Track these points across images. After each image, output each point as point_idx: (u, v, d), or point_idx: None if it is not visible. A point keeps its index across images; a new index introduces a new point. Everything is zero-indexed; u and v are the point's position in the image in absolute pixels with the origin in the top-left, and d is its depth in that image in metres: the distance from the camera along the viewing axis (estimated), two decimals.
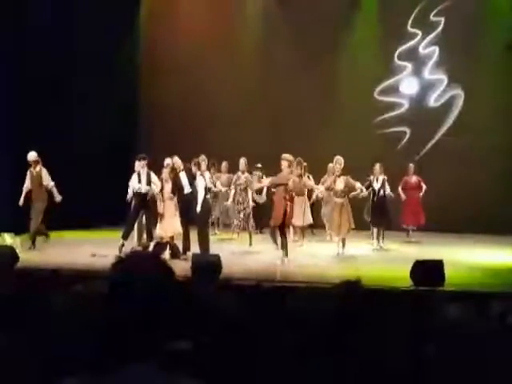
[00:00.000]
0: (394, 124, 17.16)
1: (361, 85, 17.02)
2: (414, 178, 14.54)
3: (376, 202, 13.38)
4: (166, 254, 11.06)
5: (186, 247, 11.62)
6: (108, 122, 15.74)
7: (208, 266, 8.91)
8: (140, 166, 11.76)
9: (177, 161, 11.71)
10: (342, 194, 12.16)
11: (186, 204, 11.61)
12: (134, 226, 11.88)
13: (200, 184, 11.57)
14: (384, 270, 10.37)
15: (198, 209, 11.49)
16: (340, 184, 12.18)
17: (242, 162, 12.95)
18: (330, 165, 13.13)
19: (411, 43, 17.14)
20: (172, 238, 11.51)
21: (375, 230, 13.49)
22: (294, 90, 17.05)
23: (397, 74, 17.27)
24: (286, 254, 11.02)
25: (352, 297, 2.38)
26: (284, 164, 11.10)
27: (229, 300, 3.52)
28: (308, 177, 13.45)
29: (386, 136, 17.02)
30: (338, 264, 11.21)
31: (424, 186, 14.52)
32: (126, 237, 11.57)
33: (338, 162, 12.38)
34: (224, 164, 14.64)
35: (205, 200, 11.58)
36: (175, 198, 11.57)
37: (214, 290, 3.91)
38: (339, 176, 12.23)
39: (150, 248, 11.22)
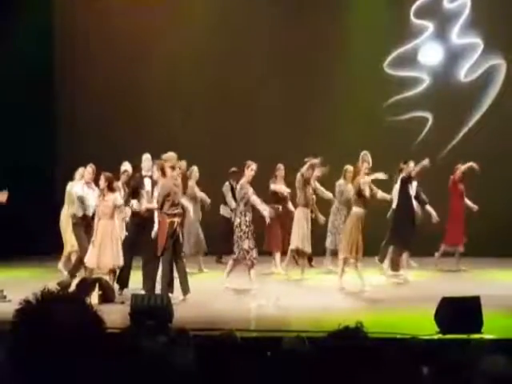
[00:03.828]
0: (410, 108, 17.32)
1: (364, 55, 17.13)
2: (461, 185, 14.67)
3: (409, 212, 13.46)
4: (95, 296, 11.06)
5: (124, 284, 11.80)
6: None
7: (154, 311, 8.92)
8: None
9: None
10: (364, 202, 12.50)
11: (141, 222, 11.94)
12: None
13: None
14: (398, 310, 10.47)
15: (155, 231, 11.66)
16: (367, 188, 12.50)
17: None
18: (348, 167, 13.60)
19: None
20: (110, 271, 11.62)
21: (391, 251, 13.50)
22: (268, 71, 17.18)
23: (414, 38, 17.46)
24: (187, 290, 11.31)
25: (350, 349, 2.40)
26: (166, 167, 11.36)
27: (185, 358, 3.54)
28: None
29: (399, 125, 17.16)
30: (337, 303, 11.27)
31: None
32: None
33: (365, 159, 12.81)
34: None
35: None
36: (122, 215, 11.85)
37: (163, 344, 3.92)
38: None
39: (72, 287, 11.22)
